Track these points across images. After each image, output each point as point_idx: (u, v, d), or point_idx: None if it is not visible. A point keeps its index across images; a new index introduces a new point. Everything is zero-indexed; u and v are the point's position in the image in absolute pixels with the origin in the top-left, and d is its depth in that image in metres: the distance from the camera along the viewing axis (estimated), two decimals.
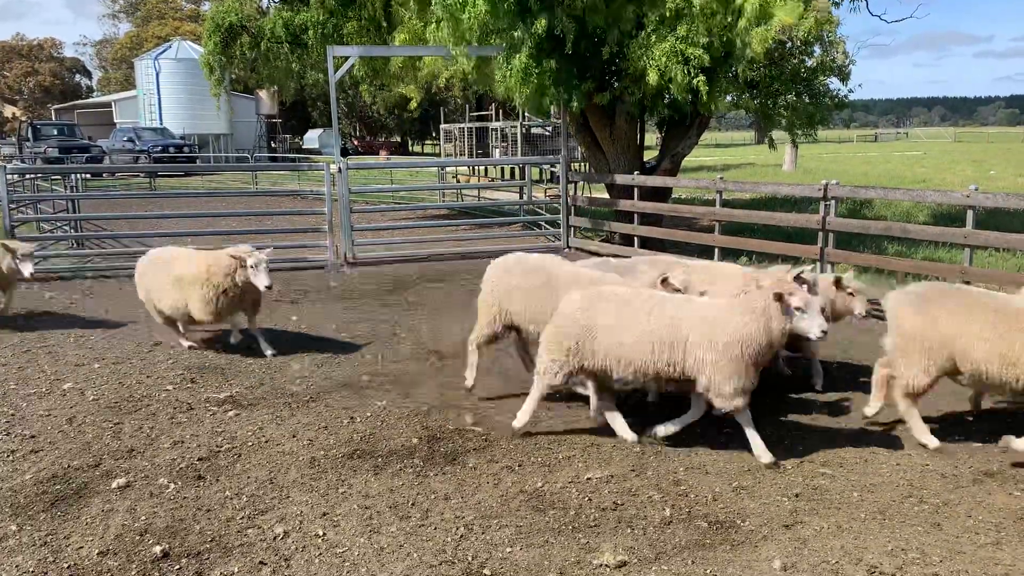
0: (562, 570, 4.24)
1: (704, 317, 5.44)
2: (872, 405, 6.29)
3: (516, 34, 11.35)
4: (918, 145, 66.72)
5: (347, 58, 14.12)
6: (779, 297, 5.20)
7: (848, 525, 4.70)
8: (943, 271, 10.03)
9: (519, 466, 5.55)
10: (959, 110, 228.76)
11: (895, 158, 42.84)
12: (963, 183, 22.81)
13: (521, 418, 5.99)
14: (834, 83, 13.71)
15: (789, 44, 13.11)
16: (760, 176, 30.04)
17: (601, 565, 4.27)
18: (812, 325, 5.21)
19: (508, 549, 4.44)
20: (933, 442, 5.77)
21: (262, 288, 7.90)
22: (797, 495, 5.09)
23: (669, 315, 5.50)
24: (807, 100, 13.35)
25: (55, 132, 42.22)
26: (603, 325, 5.60)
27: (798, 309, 5.19)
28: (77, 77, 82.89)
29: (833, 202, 10.13)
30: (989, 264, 12.07)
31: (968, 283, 8.79)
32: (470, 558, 4.35)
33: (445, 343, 8.63)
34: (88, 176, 27.70)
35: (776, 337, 5.29)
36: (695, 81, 11.13)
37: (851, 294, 6.94)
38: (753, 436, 5.57)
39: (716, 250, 11.96)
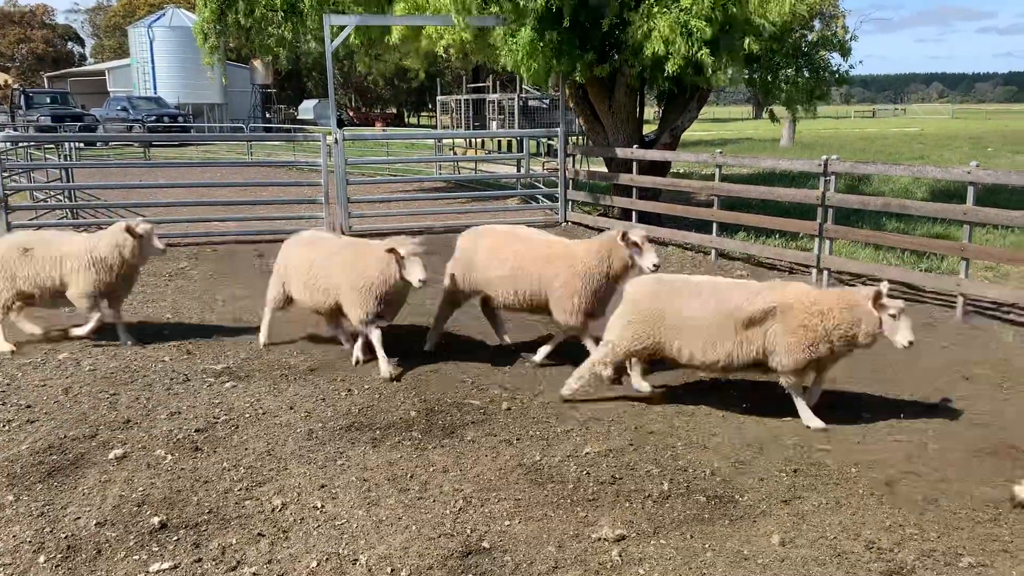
0: (561, 543, 4.24)
1: None
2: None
3: (521, 4, 11.22)
4: (916, 121, 66.53)
5: (344, 27, 13.94)
6: None
7: (846, 501, 4.71)
8: (942, 248, 10.03)
9: (517, 440, 5.54)
10: (957, 86, 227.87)
11: (893, 134, 42.71)
12: (961, 160, 22.78)
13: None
14: (835, 58, 13.51)
15: (790, 17, 12.93)
16: (758, 151, 29.90)
17: (600, 539, 4.27)
18: None
19: (507, 522, 4.44)
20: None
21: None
22: (795, 471, 5.09)
23: None
24: (807, 75, 13.22)
25: (48, 100, 41.81)
26: None
27: None
28: (70, 45, 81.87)
29: (833, 177, 10.07)
30: (987, 241, 12.06)
31: (967, 260, 8.79)
32: (468, 531, 4.35)
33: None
34: (82, 145, 27.47)
35: None
36: (699, 54, 11.03)
37: None
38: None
39: (714, 224, 11.92)
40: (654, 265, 6.52)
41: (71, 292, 7.33)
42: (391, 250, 6.59)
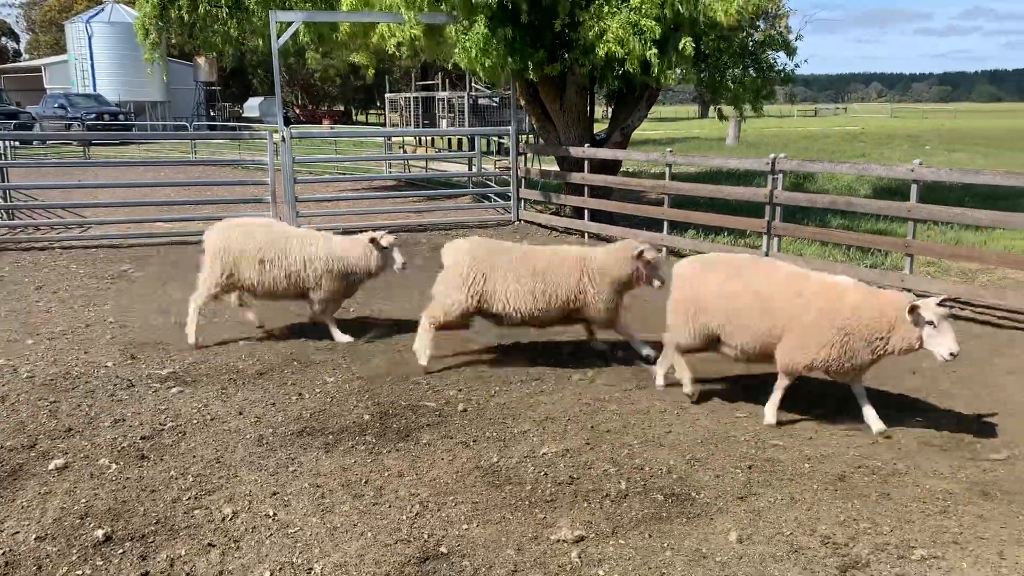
0: (520, 546, 4.20)
1: None
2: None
3: (473, 1, 11.13)
4: (856, 120, 68.07)
5: (290, 23, 13.70)
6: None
7: (801, 496, 4.75)
8: (887, 244, 10.25)
9: (474, 441, 5.48)
10: (895, 86, 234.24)
11: (835, 133, 43.59)
12: (901, 157, 23.35)
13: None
14: (781, 57, 13.73)
15: (737, 18, 13.10)
16: (704, 150, 30.26)
17: (559, 540, 4.24)
18: None
19: (464, 526, 4.38)
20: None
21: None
22: (750, 467, 5.13)
23: None
24: (754, 74, 13.41)
25: None
26: None
27: None
28: (3, 40, 79.32)
29: (780, 175, 10.22)
30: (929, 237, 12.35)
31: (911, 256, 8.98)
32: (426, 536, 4.28)
33: (395, 316, 8.50)
34: (17, 144, 26.61)
35: None
36: (648, 53, 11.08)
37: None
38: None
39: (665, 223, 12.00)
40: (951, 354, 5.09)
41: (315, 295, 7.58)
42: (639, 255, 6.66)
